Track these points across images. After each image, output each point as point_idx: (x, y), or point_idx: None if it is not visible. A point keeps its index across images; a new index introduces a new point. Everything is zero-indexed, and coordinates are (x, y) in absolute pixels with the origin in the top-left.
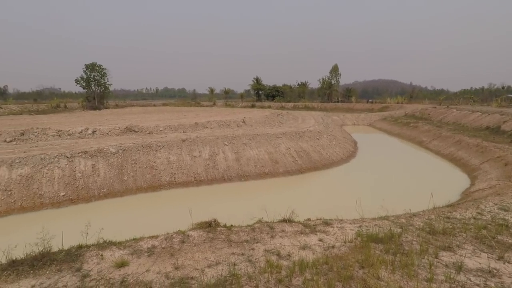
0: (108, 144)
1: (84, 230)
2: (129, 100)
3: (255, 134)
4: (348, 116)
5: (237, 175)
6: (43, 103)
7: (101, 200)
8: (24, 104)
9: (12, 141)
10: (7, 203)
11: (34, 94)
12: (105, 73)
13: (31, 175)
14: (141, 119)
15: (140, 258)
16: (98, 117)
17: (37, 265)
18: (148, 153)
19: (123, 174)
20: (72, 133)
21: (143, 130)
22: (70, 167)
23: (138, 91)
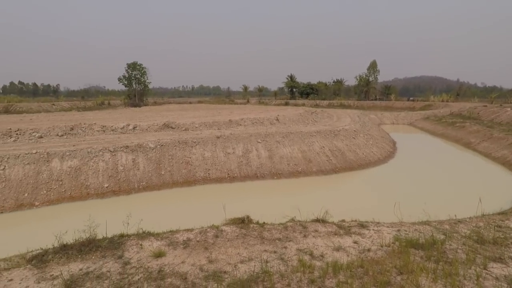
0: (147, 139)
1: (126, 220)
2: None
3: (288, 132)
4: (387, 115)
5: (270, 173)
6: (89, 100)
7: (140, 192)
8: (73, 101)
9: (63, 135)
10: (59, 192)
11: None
12: (145, 71)
13: (79, 167)
14: (177, 116)
15: (176, 250)
16: (138, 114)
17: (84, 250)
18: (184, 149)
19: (160, 168)
20: (115, 128)
21: (179, 127)
22: (113, 160)
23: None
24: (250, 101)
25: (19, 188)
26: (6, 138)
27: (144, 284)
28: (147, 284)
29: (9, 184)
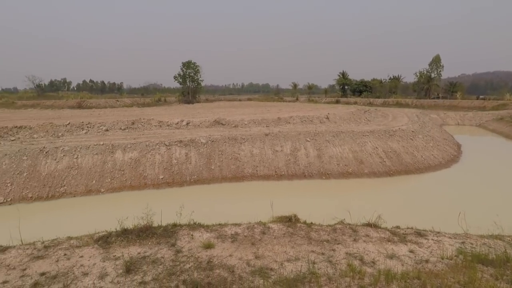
0: (199, 135)
1: (178, 211)
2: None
3: (339, 131)
4: (451, 115)
5: (318, 173)
6: (148, 97)
7: (191, 185)
8: (134, 98)
9: (125, 129)
10: (121, 181)
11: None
12: (198, 69)
13: (138, 158)
14: (228, 113)
15: (224, 243)
16: (191, 110)
17: (142, 235)
18: (234, 145)
19: (211, 163)
20: (170, 124)
21: (229, 123)
22: (168, 154)
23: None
24: (299, 99)
25: (88, 176)
26: (79, 130)
27: (194, 273)
28: (197, 273)
29: (81, 172)
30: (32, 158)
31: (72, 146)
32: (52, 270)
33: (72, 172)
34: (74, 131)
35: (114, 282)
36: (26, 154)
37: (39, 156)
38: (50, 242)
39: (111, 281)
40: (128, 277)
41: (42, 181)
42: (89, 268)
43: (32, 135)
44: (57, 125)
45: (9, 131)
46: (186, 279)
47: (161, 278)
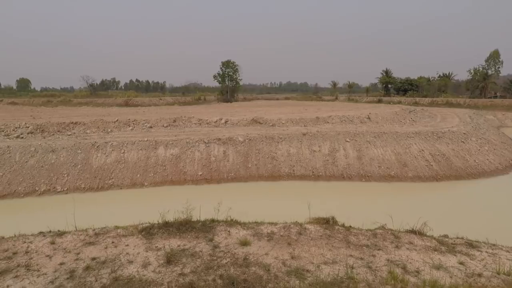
0: (237, 133)
1: (216, 207)
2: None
3: (381, 132)
4: (511, 116)
5: (358, 175)
6: (188, 96)
7: (228, 182)
8: (176, 96)
9: (167, 126)
10: (163, 176)
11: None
12: (237, 69)
13: (179, 155)
14: (265, 111)
15: (260, 241)
16: (229, 109)
17: (182, 229)
18: (271, 144)
19: (247, 161)
20: (209, 122)
21: (267, 122)
22: (207, 151)
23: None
24: (339, 98)
25: (133, 170)
26: (126, 127)
27: (231, 269)
28: (233, 269)
29: (127, 166)
30: (85, 152)
31: (119, 142)
32: (101, 256)
33: (119, 166)
34: (121, 128)
35: (156, 272)
36: (80, 148)
37: (91, 150)
38: (100, 230)
39: (153, 271)
40: (168, 267)
41: (93, 173)
42: (133, 257)
43: (86, 130)
44: (107, 122)
45: (66, 127)
46: (223, 274)
47: (199, 271)
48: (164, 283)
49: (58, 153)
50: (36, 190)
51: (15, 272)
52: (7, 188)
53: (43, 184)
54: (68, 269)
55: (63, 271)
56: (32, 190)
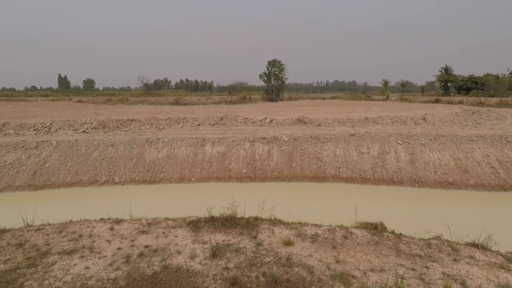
0: (282, 132)
1: (260, 205)
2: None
3: (438, 134)
4: None
5: (410, 179)
6: (235, 95)
7: (272, 181)
8: (222, 95)
9: (214, 124)
10: (209, 172)
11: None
12: (283, 68)
13: (225, 152)
14: (311, 111)
15: (304, 242)
16: (274, 108)
17: (227, 224)
18: (316, 144)
19: (292, 161)
20: (255, 121)
21: (312, 122)
22: (251, 149)
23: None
24: (390, 98)
25: (182, 165)
26: (176, 124)
27: (274, 267)
28: (276, 267)
29: (176, 161)
30: (140, 147)
31: (170, 138)
32: (153, 244)
33: (170, 161)
34: (172, 125)
35: (202, 264)
36: (136, 143)
37: (145, 146)
38: (152, 220)
39: (199, 262)
40: (214, 261)
41: (146, 167)
42: (181, 248)
43: (140, 127)
44: (159, 119)
45: (124, 123)
46: (265, 271)
47: (242, 267)
48: (210, 275)
49: (116, 147)
50: (98, 180)
51: (80, 253)
52: (75, 178)
53: (104, 175)
54: (124, 254)
55: (120, 255)
56: (94, 180)
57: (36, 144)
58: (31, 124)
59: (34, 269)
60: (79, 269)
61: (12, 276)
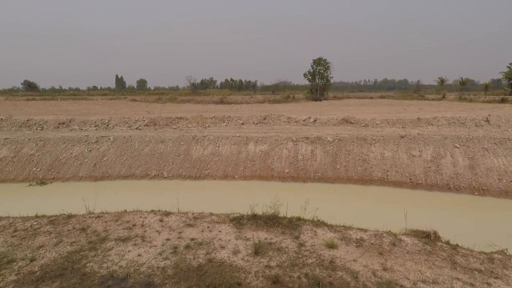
0: (326, 132)
1: (303, 206)
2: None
3: (504, 137)
4: None
5: (469, 186)
6: (278, 94)
7: (315, 182)
8: (266, 94)
9: (258, 123)
10: (252, 171)
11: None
12: (329, 66)
13: (267, 151)
14: (357, 111)
15: (348, 246)
16: (318, 108)
17: (269, 223)
18: (362, 145)
19: (336, 162)
20: (298, 120)
21: (359, 122)
22: (294, 149)
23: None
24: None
25: (226, 163)
26: (221, 123)
27: (316, 269)
28: (319, 270)
29: (221, 159)
30: (187, 144)
31: (215, 136)
32: (198, 238)
33: (214, 158)
34: (217, 123)
35: (245, 260)
36: (183, 140)
37: (191, 143)
38: (197, 215)
39: (242, 259)
40: (256, 258)
41: (192, 163)
42: (225, 243)
43: (188, 125)
44: (205, 118)
45: (173, 121)
46: (308, 273)
47: (284, 266)
48: (252, 272)
49: (166, 144)
50: (149, 174)
51: (134, 241)
52: (128, 171)
53: (154, 169)
54: (172, 245)
55: (169, 246)
56: (145, 174)
57: (96, 139)
58: (92, 120)
59: (94, 252)
60: (133, 256)
61: (76, 257)
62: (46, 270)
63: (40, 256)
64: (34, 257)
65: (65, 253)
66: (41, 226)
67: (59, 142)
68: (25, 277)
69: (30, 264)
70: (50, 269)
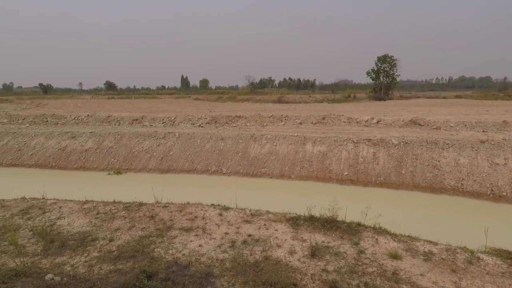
0: (390, 135)
1: (364, 211)
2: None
3: None
4: None
5: None
6: (338, 93)
7: (376, 187)
8: (325, 94)
9: (316, 123)
10: (308, 171)
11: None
12: (395, 64)
13: (325, 152)
14: (427, 112)
15: (414, 259)
16: (382, 108)
17: (327, 226)
18: (432, 150)
19: (401, 167)
20: (359, 121)
21: (429, 124)
22: (354, 151)
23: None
24: None
25: (283, 162)
26: (278, 122)
27: (377, 280)
28: (380, 280)
29: (277, 158)
30: (245, 142)
31: (273, 135)
32: (255, 234)
33: (271, 157)
34: (275, 122)
35: (301, 261)
36: (242, 138)
37: (249, 141)
38: (254, 212)
39: (298, 260)
40: (312, 260)
41: (250, 161)
42: (281, 242)
43: (246, 123)
44: (263, 117)
45: (232, 119)
46: (368, 282)
47: (342, 272)
48: (308, 274)
49: (225, 141)
50: (209, 169)
51: (195, 232)
52: (191, 166)
53: (213, 165)
54: (230, 239)
55: (227, 240)
56: (206, 169)
57: (164, 134)
58: (160, 118)
59: (161, 239)
60: (194, 246)
61: (146, 242)
62: (122, 250)
63: (117, 237)
64: (112, 238)
65: (137, 237)
66: (118, 211)
67: (132, 136)
68: (105, 255)
69: (109, 244)
70: (125, 250)
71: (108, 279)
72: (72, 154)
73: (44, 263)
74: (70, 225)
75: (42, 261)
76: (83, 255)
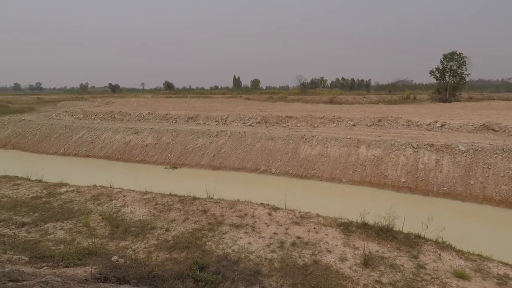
0: (457, 140)
1: (425, 222)
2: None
3: None
4: None
5: None
6: (395, 94)
7: (438, 197)
8: (381, 94)
9: (371, 125)
10: (361, 176)
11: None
12: (465, 62)
13: (381, 156)
14: (503, 116)
15: (485, 281)
16: (447, 110)
17: (382, 235)
18: (509, 159)
19: (469, 177)
20: (420, 124)
21: (505, 130)
22: (414, 157)
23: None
24: None
25: (334, 165)
26: (330, 123)
27: None
28: None
29: (328, 160)
30: (295, 143)
31: (324, 137)
32: (304, 237)
33: (322, 159)
34: (326, 124)
35: (352, 270)
36: (292, 139)
37: (300, 142)
38: (304, 214)
39: (350, 267)
40: (365, 270)
41: (299, 162)
42: (332, 247)
43: (297, 124)
44: (314, 117)
45: (283, 120)
46: None
47: (399, 286)
48: (360, 284)
49: (275, 141)
50: (258, 169)
51: (245, 229)
52: (241, 164)
53: (263, 165)
54: (279, 239)
55: (276, 240)
56: (255, 168)
57: (216, 133)
58: (213, 116)
59: (212, 233)
60: (244, 243)
61: (199, 234)
62: (177, 241)
63: (173, 228)
64: (168, 228)
65: (190, 229)
66: (173, 203)
67: (187, 133)
68: (162, 243)
69: (166, 233)
70: (179, 240)
71: (164, 266)
72: (134, 148)
73: (110, 245)
74: (132, 213)
75: (109, 243)
76: (143, 241)
